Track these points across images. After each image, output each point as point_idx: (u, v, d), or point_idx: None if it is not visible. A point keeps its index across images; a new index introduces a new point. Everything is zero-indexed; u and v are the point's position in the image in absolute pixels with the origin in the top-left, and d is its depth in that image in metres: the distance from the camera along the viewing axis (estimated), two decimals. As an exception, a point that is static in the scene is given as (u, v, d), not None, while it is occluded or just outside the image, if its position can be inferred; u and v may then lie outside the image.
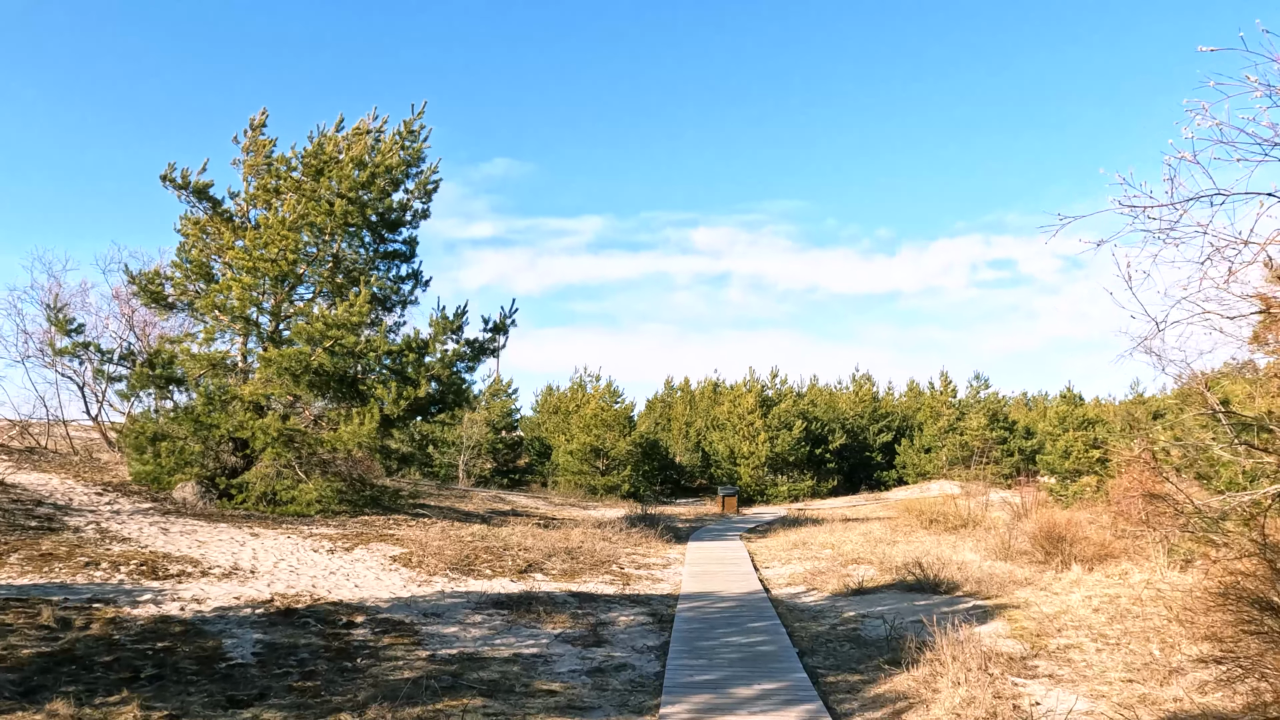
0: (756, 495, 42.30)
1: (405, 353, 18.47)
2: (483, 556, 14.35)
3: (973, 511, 22.39)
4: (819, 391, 54.38)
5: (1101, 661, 8.35)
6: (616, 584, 13.57)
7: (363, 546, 14.36)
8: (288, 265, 17.70)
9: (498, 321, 20.98)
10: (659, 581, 14.28)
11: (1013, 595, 12.31)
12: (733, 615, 11.04)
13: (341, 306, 17.09)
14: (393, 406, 17.48)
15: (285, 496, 18.00)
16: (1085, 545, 15.25)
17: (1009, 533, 17.29)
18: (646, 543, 19.10)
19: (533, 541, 16.65)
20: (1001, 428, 43.55)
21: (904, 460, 47.13)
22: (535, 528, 18.89)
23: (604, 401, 42.56)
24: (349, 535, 15.33)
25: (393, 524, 17.60)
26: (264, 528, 15.46)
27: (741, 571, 15.47)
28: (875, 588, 13.43)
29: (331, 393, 18.37)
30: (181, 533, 14.17)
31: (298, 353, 16.99)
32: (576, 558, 15.37)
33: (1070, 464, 32.54)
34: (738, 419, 44.08)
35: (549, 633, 9.71)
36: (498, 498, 30.79)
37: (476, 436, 42.62)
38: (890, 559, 16.48)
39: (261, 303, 18.21)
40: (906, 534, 21.03)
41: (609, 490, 38.98)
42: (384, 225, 20.69)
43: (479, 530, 16.82)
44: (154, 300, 18.67)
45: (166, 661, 7.56)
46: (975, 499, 25.73)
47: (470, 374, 20.91)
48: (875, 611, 11.50)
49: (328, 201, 18.45)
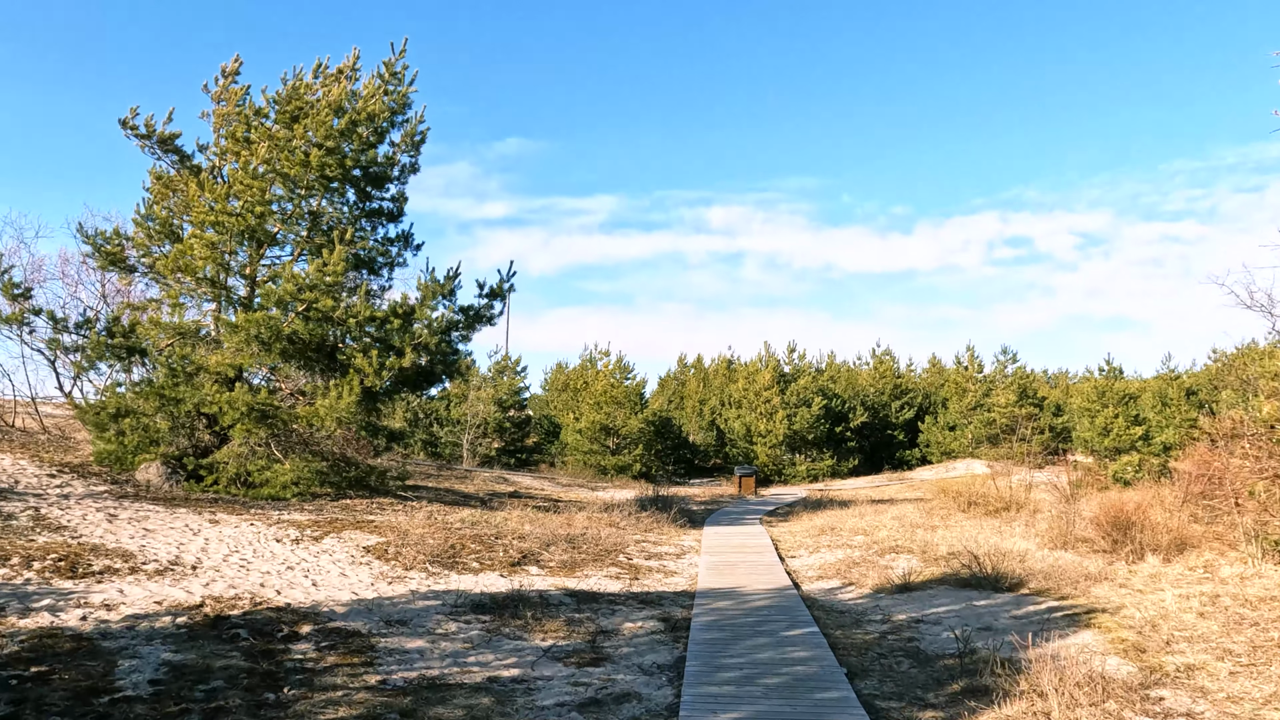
0: (774, 475, 40.46)
1: (390, 319, 16.65)
2: (470, 546, 12.56)
3: (1015, 493, 20.46)
4: (838, 368, 52.35)
5: (1245, 690, 6.48)
6: (623, 578, 11.77)
7: (335, 535, 12.60)
8: (255, 220, 15.87)
9: (494, 287, 19.11)
10: (672, 575, 12.47)
11: (1089, 594, 10.43)
12: (760, 619, 9.22)
13: (314, 265, 15.24)
14: (375, 378, 15.67)
15: (259, 478, 16.28)
16: (1157, 532, 13.33)
17: (1066, 518, 15.39)
18: (658, 528, 17.31)
19: (530, 528, 14.87)
20: (1031, 404, 41.45)
21: (928, 438, 45.15)
22: (535, 512, 17.11)
23: (614, 378, 40.71)
24: (322, 522, 13.58)
25: (376, 508, 15.86)
26: (228, 513, 13.74)
27: (765, 562, 13.65)
28: (923, 583, 11.57)
29: (308, 363, 16.59)
30: (130, 520, 12.45)
31: (267, 318, 15.19)
32: (578, 547, 13.58)
33: (1110, 442, 30.53)
34: (754, 396, 42.17)
35: (537, 646, 7.90)
36: (501, 478, 29.07)
37: (482, 414, 40.93)
38: (933, 547, 14.62)
39: (229, 264, 16.39)
40: (944, 518, 19.14)
41: (619, 470, 37.22)
42: (368, 180, 18.81)
43: (470, 515, 15.05)
44: (112, 263, 16.89)
45: (30, 694, 5.79)
46: (1011, 479, 23.80)
47: (465, 344, 19.11)
48: (930, 614, 9.65)
49: (302, 151, 16.58)
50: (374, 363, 15.59)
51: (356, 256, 18.36)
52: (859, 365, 54.70)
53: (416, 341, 16.49)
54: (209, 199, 15.54)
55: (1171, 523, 13.83)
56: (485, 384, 44.97)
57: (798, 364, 46.73)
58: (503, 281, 19.22)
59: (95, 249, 16.62)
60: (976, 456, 42.28)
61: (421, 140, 19.77)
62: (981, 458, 41.86)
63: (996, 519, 18.68)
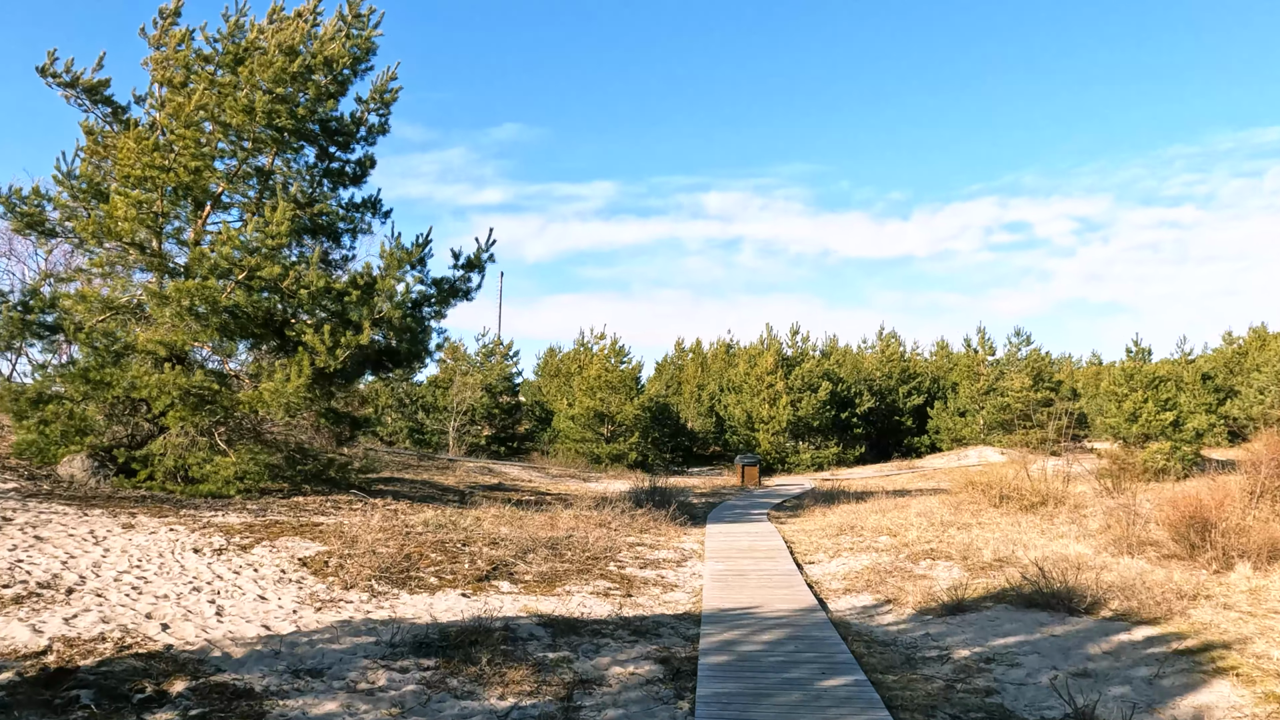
0: (777, 464, 38.46)
1: (350, 291, 14.54)
2: (431, 556, 10.51)
3: (1051, 485, 18.43)
4: (842, 352, 50.28)
5: None
6: (613, 596, 9.74)
7: (268, 543, 10.55)
8: (190, 176, 13.72)
9: (471, 257, 17.01)
10: (672, 589, 10.45)
11: (1189, 617, 8.42)
12: (786, 659, 7.19)
13: (252, 224, 13.11)
14: (328, 357, 13.57)
15: (198, 472, 14.21)
16: (1242, 534, 11.32)
17: (1126, 516, 13.38)
18: (655, 527, 15.29)
19: (507, 530, 12.84)
20: (1046, 388, 39.42)
21: (937, 425, 43.13)
22: (514, 510, 15.07)
23: (609, 362, 38.61)
24: (259, 526, 11.52)
25: (331, 507, 13.81)
26: (151, 515, 11.67)
27: (781, 572, 11.63)
28: (977, 601, 9.56)
29: (255, 341, 14.50)
30: (24, 526, 10.38)
31: (202, 287, 13.07)
32: (561, 553, 11.54)
33: (1138, 428, 28.49)
34: (755, 380, 40.09)
35: (491, 708, 5.87)
36: (485, 469, 27.02)
37: (469, 401, 38.87)
38: (975, 552, 12.62)
39: (162, 228, 14.26)
40: (974, 514, 17.14)
41: (614, 459, 35.19)
42: (329, 137, 16.66)
43: (435, 517, 12.99)
44: (29, 226, 14.73)
45: None
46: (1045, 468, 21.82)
47: (438, 321, 17.03)
48: (1000, 648, 7.63)
49: (247, 98, 14.43)
50: (326, 340, 13.49)
51: (315, 222, 16.25)
52: (864, 348, 52.69)
53: (378, 316, 14.39)
54: (134, 146, 13.38)
55: (1252, 521, 11.83)
56: (474, 369, 42.92)
57: (802, 346, 44.66)
58: (481, 251, 17.12)
59: (8, 209, 14.47)
60: (989, 443, 40.33)
61: (392, 98, 17.60)
62: (994, 445, 39.91)
63: (1034, 515, 16.68)
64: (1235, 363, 49.26)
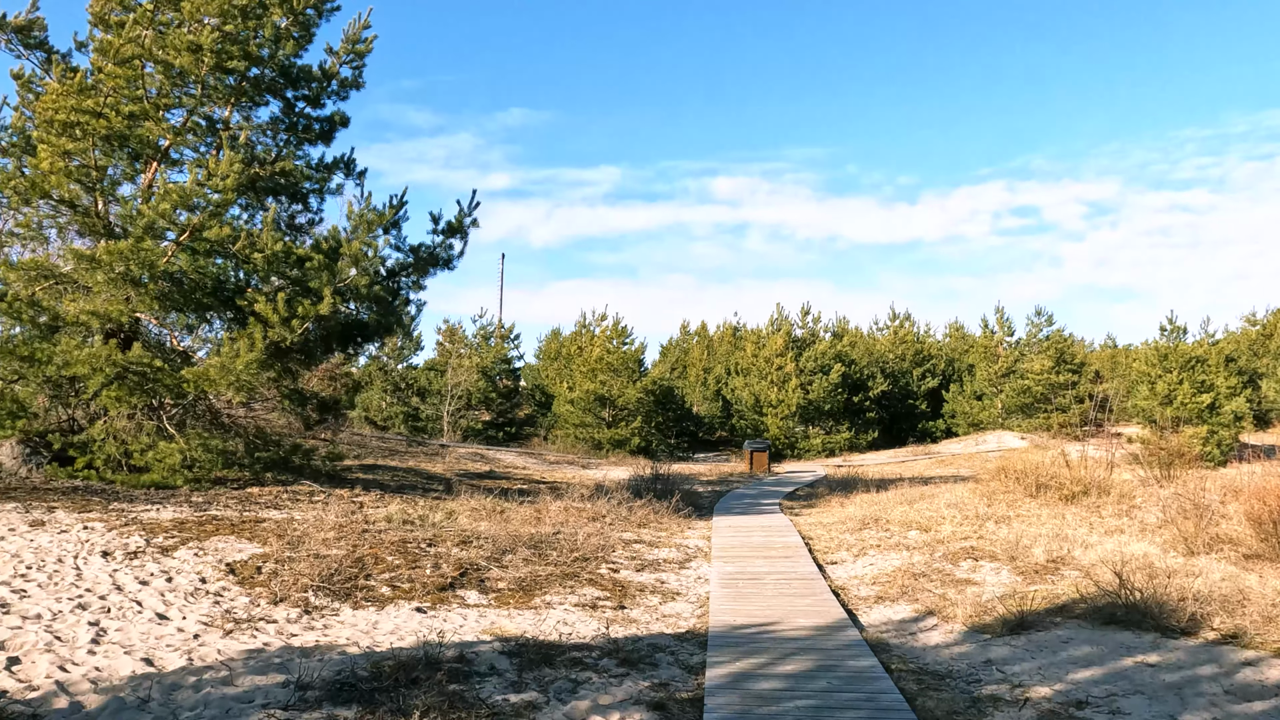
0: (786, 449, 36.81)
1: (312, 256, 12.90)
2: (387, 559, 8.89)
3: (1092, 473, 16.74)
4: (854, 333, 48.47)
5: None
6: (602, 608, 8.12)
7: (197, 543, 8.94)
8: (123, 123, 12.05)
9: (453, 221, 15.38)
10: (672, 598, 8.83)
11: (1316, 640, 6.77)
12: (817, 703, 5.55)
13: (193, 176, 11.44)
14: (283, 329, 11.92)
15: (140, 460, 12.63)
16: (1340, 532, 9.65)
17: (1194, 509, 11.71)
18: (656, 520, 13.67)
19: (486, 525, 11.22)
20: (1069, 370, 37.60)
21: (953, 408, 41.39)
22: (498, 502, 13.44)
23: (610, 344, 36.92)
24: (193, 522, 9.92)
25: (288, 499, 12.21)
26: (71, 510, 10.09)
27: (800, 575, 9.99)
28: (1038, 614, 7.91)
29: (203, 313, 12.88)
30: (-89, 522, 8.81)
31: (137, 248, 11.42)
32: (545, 554, 9.92)
33: (1172, 412, 26.74)
34: (764, 362, 38.38)
35: (418, 788, 4.24)
36: (478, 455, 25.43)
37: (465, 385, 37.28)
38: (1023, 551, 10.95)
39: (98, 181, 12.58)
40: (1009, 504, 15.48)
41: (616, 445, 33.58)
42: (293, 86, 14.99)
43: (401, 510, 11.34)
44: (-49, 183, 13.09)
45: None
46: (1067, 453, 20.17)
47: (417, 292, 15.42)
48: (1085, 682, 5.99)
49: (192, 34, 12.73)
50: (281, 309, 11.84)
51: (276, 181, 14.60)
52: (874, 331, 50.90)
53: (342, 284, 12.74)
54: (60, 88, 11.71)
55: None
56: (471, 351, 41.32)
57: (812, 328, 42.90)
58: (463, 214, 15.48)
59: (-76, 164, 12.82)
60: (1008, 428, 38.62)
61: (366, 49, 15.90)
62: (1014, 429, 38.20)
63: (1076, 506, 15.01)
64: (1260, 345, 47.41)
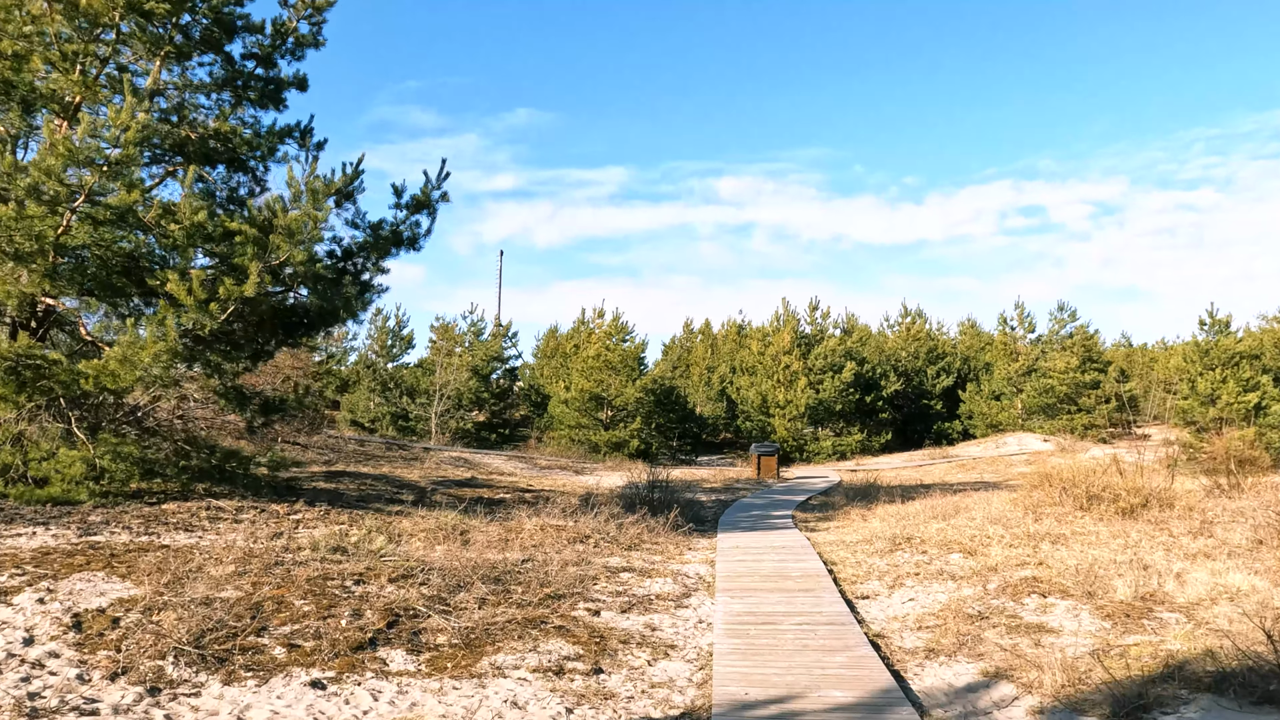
0: (795, 452, 34.79)
1: (242, 229, 10.88)
2: (296, 604, 6.87)
3: (1149, 481, 14.66)
4: (864, 330, 46.42)
5: None
6: (569, 673, 6.09)
7: (49, 583, 6.93)
8: (6, 65, 10.06)
9: (418, 195, 13.40)
10: (665, 654, 6.80)
11: None
12: None
13: (84, 124, 9.42)
14: (200, 314, 9.91)
15: (37, 471, 10.63)
16: None
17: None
18: (650, 540, 11.65)
19: (441, 552, 9.19)
20: (1094, 369, 35.53)
21: (970, 409, 39.32)
22: (462, 518, 11.41)
23: (609, 341, 34.90)
24: (60, 552, 7.91)
25: (208, 517, 10.18)
26: (-80, 535, 8.08)
27: (826, 617, 7.95)
28: (1152, 683, 5.87)
29: (111, 296, 10.87)
30: None
31: (19, 216, 9.42)
32: (508, 590, 7.90)
33: (1216, 412, 24.67)
34: (770, 361, 36.35)
35: None
36: (461, 460, 23.43)
37: (456, 384, 35.32)
38: (1100, 584, 8.89)
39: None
40: (1059, 518, 13.41)
41: (614, 447, 31.58)
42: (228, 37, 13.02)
43: (329, 537, 9.26)
44: None
45: None
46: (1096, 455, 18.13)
47: (377, 276, 13.43)
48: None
49: (98, -32, 10.73)
50: (197, 290, 9.83)
51: (211, 146, 12.61)
52: (884, 329, 48.85)
53: (276, 262, 10.73)
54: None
55: None
56: (463, 349, 39.34)
57: (821, 324, 40.84)
58: (430, 187, 13.49)
59: None
60: (1029, 429, 36.55)
61: (327, 3, 13.98)
62: (1035, 431, 36.14)
63: (1138, 521, 12.96)
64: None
